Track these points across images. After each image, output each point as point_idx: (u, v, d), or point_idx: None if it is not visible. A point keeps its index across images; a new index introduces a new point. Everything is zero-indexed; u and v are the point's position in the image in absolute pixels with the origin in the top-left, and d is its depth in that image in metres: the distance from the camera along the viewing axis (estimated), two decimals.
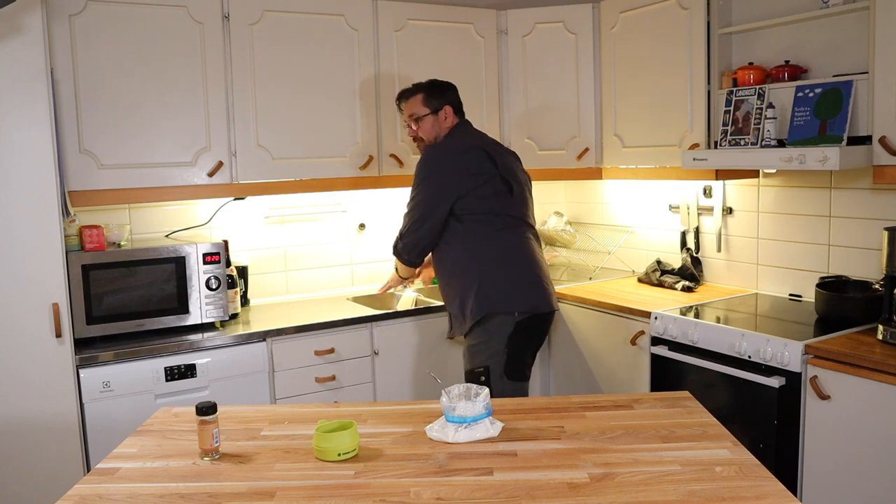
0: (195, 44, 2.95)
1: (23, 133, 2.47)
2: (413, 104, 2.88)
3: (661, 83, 3.23)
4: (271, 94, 3.11)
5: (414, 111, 2.87)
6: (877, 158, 2.48)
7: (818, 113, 2.65)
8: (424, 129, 2.85)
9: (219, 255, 2.94)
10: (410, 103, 2.89)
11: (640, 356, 3.07)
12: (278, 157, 3.16)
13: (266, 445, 1.65)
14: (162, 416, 1.87)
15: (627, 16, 3.37)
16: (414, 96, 2.88)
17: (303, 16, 3.16)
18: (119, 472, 1.54)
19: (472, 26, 3.54)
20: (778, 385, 2.48)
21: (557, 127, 3.61)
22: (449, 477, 1.46)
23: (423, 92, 2.87)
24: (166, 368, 2.73)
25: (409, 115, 2.88)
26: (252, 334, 2.90)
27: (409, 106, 2.89)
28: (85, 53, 2.76)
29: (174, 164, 2.95)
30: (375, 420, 1.77)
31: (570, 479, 1.43)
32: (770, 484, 1.39)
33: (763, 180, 3.23)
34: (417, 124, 2.86)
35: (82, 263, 2.71)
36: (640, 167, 3.40)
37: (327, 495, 1.40)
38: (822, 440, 2.43)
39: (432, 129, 2.85)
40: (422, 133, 2.86)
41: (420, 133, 2.86)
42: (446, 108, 2.86)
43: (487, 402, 1.67)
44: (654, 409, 1.80)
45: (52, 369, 2.56)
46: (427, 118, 2.84)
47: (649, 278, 3.52)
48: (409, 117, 2.88)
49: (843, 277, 2.88)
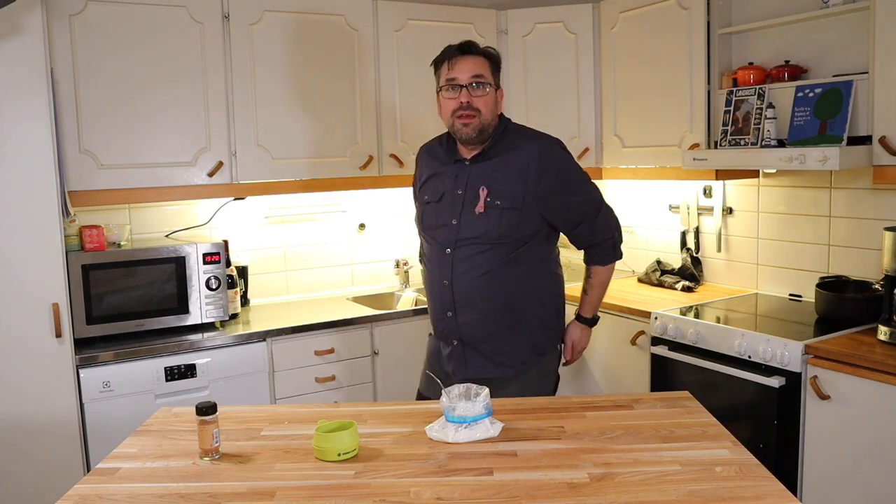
0: (195, 44, 2.95)
1: (23, 133, 2.47)
2: (480, 64, 2.17)
3: (661, 83, 3.23)
4: (271, 94, 3.11)
5: (482, 73, 2.15)
6: (877, 158, 2.48)
7: (818, 113, 2.65)
8: (486, 100, 2.15)
9: (219, 255, 2.94)
10: (477, 62, 2.17)
11: (640, 356, 3.06)
12: (278, 157, 3.16)
13: (266, 445, 1.65)
14: (162, 416, 1.86)
15: (627, 16, 3.37)
16: (481, 57, 2.19)
17: (303, 16, 3.16)
18: (119, 472, 1.54)
19: (472, 26, 3.54)
20: (778, 385, 2.48)
21: (557, 127, 3.59)
22: (449, 477, 1.46)
23: (490, 60, 2.20)
24: (166, 368, 2.73)
25: (473, 76, 2.14)
26: (252, 334, 2.90)
27: (474, 64, 2.16)
28: (85, 53, 2.75)
29: (174, 164, 2.95)
30: (375, 420, 1.77)
31: (570, 479, 1.43)
32: (770, 484, 1.39)
33: (763, 180, 3.22)
34: (478, 92, 2.15)
35: (82, 263, 2.71)
36: (640, 167, 3.40)
37: (327, 495, 1.40)
38: (822, 440, 2.43)
39: (493, 105, 2.18)
40: (481, 104, 2.14)
41: (479, 104, 2.14)
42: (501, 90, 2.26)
43: (487, 402, 1.67)
44: (654, 409, 1.80)
45: (52, 369, 2.56)
46: (491, 91, 2.17)
47: (649, 278, 3.52)
48: (474, 77, 2.14)
49: (843, 277, 2.88)
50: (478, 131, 2.16)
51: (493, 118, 2.19)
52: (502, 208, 2.15)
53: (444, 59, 2.19)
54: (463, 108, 2.13)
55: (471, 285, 2.20)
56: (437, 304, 2.27)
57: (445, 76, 2.18)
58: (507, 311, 2.22)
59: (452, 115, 2.16)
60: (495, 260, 2.18)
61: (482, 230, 2.16)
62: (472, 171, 2.21)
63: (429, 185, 2.31)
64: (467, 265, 2.19)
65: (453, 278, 2.21)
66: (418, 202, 2.37)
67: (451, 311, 2.23)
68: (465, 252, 2.19)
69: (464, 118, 2.14)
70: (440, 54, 2.22)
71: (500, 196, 2.16)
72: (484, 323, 2.22)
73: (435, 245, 2.26)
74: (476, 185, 2.19)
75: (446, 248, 2.21)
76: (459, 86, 2.14)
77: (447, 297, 2.23)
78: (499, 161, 2.19)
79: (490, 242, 2.17)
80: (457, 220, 2.19)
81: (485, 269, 2.19)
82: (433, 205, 2.26)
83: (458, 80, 2.15)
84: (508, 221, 2.16)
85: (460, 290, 2.21)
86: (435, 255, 2.26)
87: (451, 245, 2.20)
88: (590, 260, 2.39)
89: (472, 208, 2.17)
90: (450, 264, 2.21)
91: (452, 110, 2.16)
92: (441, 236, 2.23)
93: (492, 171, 2.18)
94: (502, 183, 2.17)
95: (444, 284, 2.22)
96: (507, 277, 2.21)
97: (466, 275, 2.20)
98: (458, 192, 2.21)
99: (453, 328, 2.24)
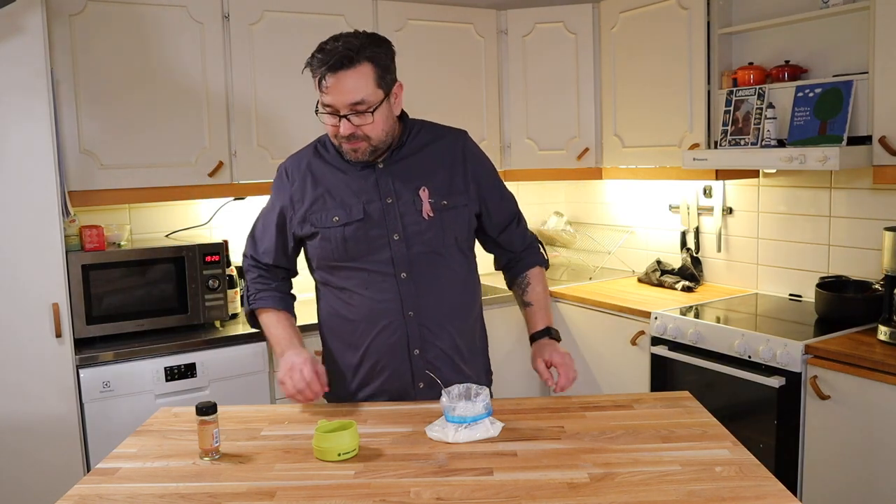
0: (195, 44, 2.95)
1: (23, 133, 2.47)
2: (360, 81, 1.74)
3: (661, 83, 3.23)
4: (271, 94, 3.11)
5: (361, 97, 1.74)
6: (877, 158, 2.48)
7: (818, 113, 2.65)
8: (374, 126, 1.78)
9: (219, 255, 2.94)
10: (355, 79, 1.73)
11: (640, 356, 3.06)
12: (278, 158, 3.15)
13: (266, 445, 1.65)
14: (162, 416, 1.86)
15: (627, 16, 3.37)
16: (361, 67, 1.74)
17: (303, 16, 3.16)
18: (119, 472, 1.54)
19: (472, 26, 3.54)
20: (778, 385, 2.48)
21: (557, 127, 3.61)
22: (449, 477, 1.46)
23: (375, 64, 1.76)
24: (166, 368, 2.73)
25: (350, 104, 1.74)
26: (252, 334, 2.90)
27: (352, 83, 1.73)
28: (85, 53, 2.75)
29: (174, 164, 2.95)
30: (375, 420, 1.77)
31: (570, 479, 1.43)
32: (770, 484, 1.39)
33: (763, 180, 3.22)
34: (360, 119, 1.76)
35: (82, 263, 2.70)
36: (640, 167, 3.40)
37: (327, 495, 1.40)
38: (822, 440, 2.43)
39: (385, 121, 1.81)
40: (368, 130, 1.78)
41: (365, 130, 1.77)
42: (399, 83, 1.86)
43: (487, 402, 1.67)
44: (654, 409, 1.80)
45: (52, 369, 2.56)
46: (380, 109, 1.78)
47: (649, 278, 3.52)
48: (352, 106, 1.74)
49: (843, 277, 2.88)
50: (370, 153, 1.80)
51: (390, 130, 1.82)
52: (451, 208, 1.85)
53: (316, 75, 1.73)
54: (345, 137, 1.77)
55: (439, 309, 1.85)
56: (389, 347, 1.85)
57: (320, 96, 1.74)
58: (469, 335, 1.94)
59: (336, 139, 1.81)
60: (454, 273, 1.88)
61: (438, 239, 1.83)
62: (392, 172, 1.85)
63: (326, 203, 1.85)
64: (430, 286, 1.84)
65: (419, 308, 1.83)
66: (312, 228, 1.86)
67: (417, 348, 1.85)
68: (422, 271, 1.83)
69: (350, 144, 1.78)
70: (310, 60, 1.74)
71: (443, 195, 1.85)
72: (453, 351, 1.89)
73: (374, 275, 1.83)
74: (408, 186, 1.83)
75: (400, 273, 1.82)
76: (337, 114, 1.74)
77: (413, 332, 1.84)
78: (421, 157, 1.87)
79: (445, 253, 1.85)
80: (399, 234, 1.82)
81: (448, 286, 1.86)
82: (354, 224, 1.82)
83: (334, 108, 1.74)
84: (461, 223, 1.88)
85: (429, 318, 1.84)
86: (374, 287, 1.83)
87: (404, 267, 1.82)
88: (526, 265, 2.01)
89: (416, 215, 1.82)
90: (411, 291, 1.82)
91: (335, 135, 1.80)
92: (381, 260, 1.82)
93: (417, 169, 1.85)
94: (438, 179, 1.85)
95: (409, 317, 1.83)
96: (467, 293, 1.92)
97: (431, 298, 1.84)
98: (387, 200, 1.83)
99: (419, 368, 1.86)
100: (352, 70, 1.71)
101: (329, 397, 1.99)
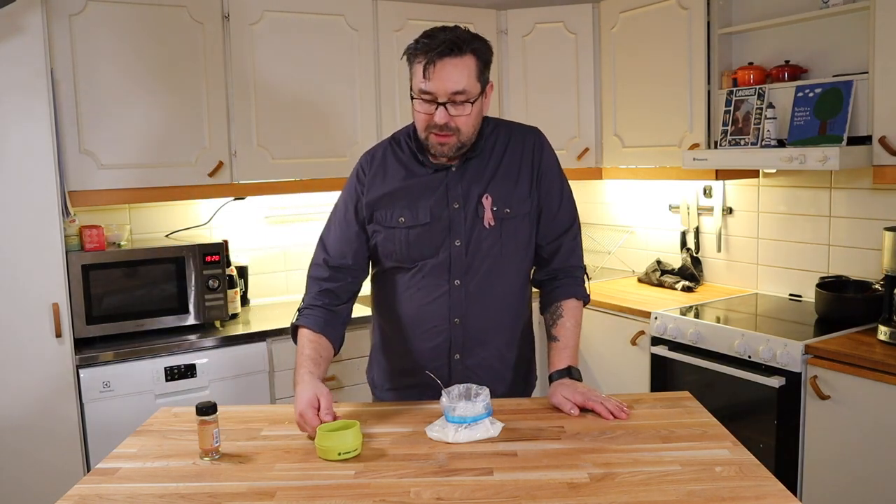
0: (195, 44, 2.95)
1: (23, 133, 2.47)
2: (465, 71, 1.72)
3: (661, 83, 3.23)
4: (270, 94, 3.11)
5: (464, 87, 1.71)
6: (877, 158, 2.48)
7: (818, 113, 2.65)
8: (468, 119, 1.75)
9: (219, 255, 2.94)
10: (462, 67, 1.71)
11: (640, 356, 3.07)
12: (278, 157, 3.16)
13: (266, 445, 1.65)
14: (162, 416, 1.86)
15: (627, 16, 3.37)
16: (468, 58, 1.73)
17: (303, 16, 3.16)
18: (119, 472, 1.54)
19: (472, 26, 3.53)
20: (778, 385, 2.48)
21: (557, 127, 3.61)
22: (449, 477, 1.46)
23: (478, 57, 1.75)
24: (166, 368, 2.73)
25: (453, 93, 1.71)
26: (252, 334, 2.90)
27: (458, 72, 1.71)
28: (85, 53, 2.75)
29: (174, 164, 2.95)
30: (375, 420, 1.77)
31: (570, 479, 1.43)
32: (770, 484, 1.39)
33: (763, 180, 3.23)
34: (458, 110, 1.73)
35: (82, 263, 2.70)
36: (640, 167, 3.40)
37: (327, 495, 1.40)
38: (822, 440, 2.43)
39: (476, 117, 1.79)
40: (461, 123, 1.75)
41: (458, 122, 1.74)
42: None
43: (487, 402, 1.67)
44: (654, 409, 1.80)
45: (52, 369, 2.56)
46: (476, 102, 1.76)
47: (649, 278, 3.52)
48: (454, 95, 1.71)
49: (843, 277, 2.88)
50: (455, 149, 1.77)
51: (477, 128, 1.80)
52: (512, 217, 1.82)
53: (420, 60, 1.71)
54: (438, 126, 1.73)
55: (487, 319, 1.84)
56: (431, 349, 1.87)
57: (419, 83, 1.71)
58: (515, 345, 1.93)
59: (426, 130, 1.76)
60: (508, 284, 1.86)
61: (496, 248, 1.82)
62: (463, 176, 1.82)
63: (394, 203, 1.83)
64: (482, 295, 1.83)
65: (466, 316, 1.83)
66: (377, 225, 1.86)
67: (458, 353, 1.86)
68: (477, 280, 1.82)
69: (440, 137, 1.74)
70: (414, 46, 1.73)
71: (506, 203, 1.82)
72: (495, 360, 1.89)
73: (429, 278, 1.83)
74: (474, 193, 1.81)
75: (454, 280, 1.82)
76: (435, 102, 1.71)
77: (457, 337, 1.84)
78: (491, 161, 1.84)
79: (502, 262, 1.83)
80: (461, 240, 1.81)
81: (500, 297, 1.85)
82: (419, 228, 1.81)
83: (433, 95, 1.70)
84: (522, 233, 1.84)
85: (475, 327, 1.84)
86: (426, 290, 1.84)
87: (459, 274, 1.82)
88: (563, 294, 1.88)
89: (479, 223, 1.81)
90: (461, 299, 1.82)
91: (426, 125, 1.75)
92: (438, 264, 1.82)
93: (487, 174, 1.83)
94: (503, 186, 1.82)
95: (454, 324, 1.83)
96: (518, 306, 1.90)
97: (480, 306, 1.83)
98: (454, 205, 1.81)
99: (457, 372, 1.86)
100: (458, 59, 1.70)
101: (369, 379, 2.05)
